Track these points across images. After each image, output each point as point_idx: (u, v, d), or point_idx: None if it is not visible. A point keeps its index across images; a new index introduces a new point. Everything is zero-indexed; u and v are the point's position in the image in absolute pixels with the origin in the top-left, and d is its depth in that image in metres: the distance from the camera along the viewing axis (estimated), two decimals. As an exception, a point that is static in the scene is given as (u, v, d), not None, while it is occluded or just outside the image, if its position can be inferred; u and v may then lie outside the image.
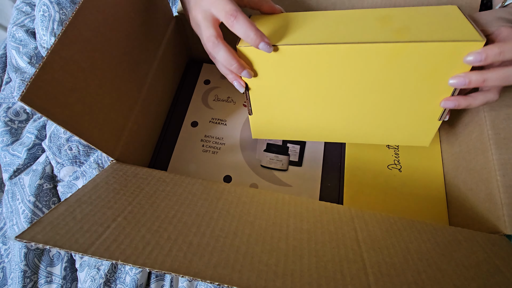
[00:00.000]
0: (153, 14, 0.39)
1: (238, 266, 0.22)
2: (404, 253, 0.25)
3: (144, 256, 0.22)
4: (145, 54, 0.38)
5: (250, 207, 0.28)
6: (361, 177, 0.42)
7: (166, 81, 0.45)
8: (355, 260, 0.24)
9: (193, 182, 0.31)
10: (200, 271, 0.21)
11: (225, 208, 0.28)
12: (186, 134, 0.45)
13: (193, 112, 0.47)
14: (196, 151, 0.43)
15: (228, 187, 0.31)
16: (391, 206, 0.40)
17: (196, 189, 0.30)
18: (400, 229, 0.28)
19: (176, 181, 0.31)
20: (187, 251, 0.22)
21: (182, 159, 0.43)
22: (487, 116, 0.36)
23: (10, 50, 0.54)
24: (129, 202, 0.27)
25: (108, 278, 0.39)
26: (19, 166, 0.46)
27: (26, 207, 0.42)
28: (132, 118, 0.36)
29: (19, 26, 0.55)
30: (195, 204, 0.28)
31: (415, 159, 0.43)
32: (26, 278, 0.39)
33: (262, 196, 0.30)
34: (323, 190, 0.41)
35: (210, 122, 0.46)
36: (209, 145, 0.44)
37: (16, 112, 0.51)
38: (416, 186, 0.41)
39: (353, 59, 0.29)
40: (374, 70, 0.30)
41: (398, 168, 0.42)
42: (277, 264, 0.22)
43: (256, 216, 0.27)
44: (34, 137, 0.48)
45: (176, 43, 0.46)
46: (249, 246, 0.24)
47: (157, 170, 0.33)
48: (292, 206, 0.29)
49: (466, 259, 0.25)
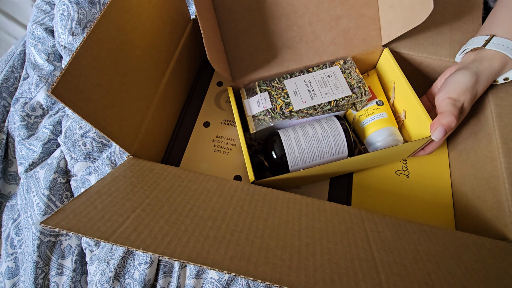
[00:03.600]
0: (173, 16, 0.40)
1: (254, 259, 0.22)
2: (414, 254, 0.26)
3: (163, 245, 0.22)
4: (163, 54, 0.40)
5: (263, 205, 0.29)
6: (369, 181, 0.42)
7: (180, 81, 0.46)
8: (366, 259, 0.24)
9: (207, 179, 0.32)
10: (217, 261, 0.22)
11: (239, 205, 0.29)
12: (198, 134, 0.46)
13: (206, 112, 0.48)
14: (207, 151, 0.44)
15: (241, 185, 0.32)
16: (398, 211, 0.40)
17: (210, 186, 0.31)
18: (410, 232, 0.29)
19: (191, 178, 0.32)
20: (204, 243, 0.23)
21: (194, 157, 0.44)
22: (496, 126, 0.36)
23: (29, 47, 0.56)
24: (146, 195, 0.28)
25: (118, 272, 0.40)
26: (35, 160, 0.47)
27: (41, 200, 0.43)
28: (149, 115, 0.38)
29: (39, 24, 0.57)
30: (210, 199, 0.29)
31: (423, 166, 0.44)
32: (38, 269, 0.40)
33: (274, 195, 0.31)
34: (331, 193, 0.42)
35: (222, 123, 0.47)
36: (221, 146, 0.45)
37: (32, 108, 0.52)
38: (424, 192, 0.42)
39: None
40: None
41: (406, 174, 0.43)
42: (291, 259, 0.23)
43: (269, 214, 0.28)
44: (49, 132, 0.49)
45: (192, 45, 0.48)
46: (263, 240, 0.25)
47: (172, 167, 0.34)
48: (304, 206, 0.30)
49: (475, 263, 0.26)
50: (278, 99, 0.40)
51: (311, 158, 0.37)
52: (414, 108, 0.39)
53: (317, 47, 0.43)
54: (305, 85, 0.40)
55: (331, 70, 0.42)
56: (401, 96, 0.42)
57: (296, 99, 0.39)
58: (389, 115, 0.42)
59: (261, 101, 0.40)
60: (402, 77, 0.40)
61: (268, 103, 0.40)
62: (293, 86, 0.40)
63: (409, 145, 0.38)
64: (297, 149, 0.37)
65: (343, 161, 0.36)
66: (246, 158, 0.36)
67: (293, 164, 0.37)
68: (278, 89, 0.41)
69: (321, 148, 0.37)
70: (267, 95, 0.40)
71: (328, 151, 0.38)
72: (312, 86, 0.40)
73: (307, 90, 0.40)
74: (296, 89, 0.40)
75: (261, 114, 0.40)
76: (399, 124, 0.42)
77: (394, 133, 0.40)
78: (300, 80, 0.41)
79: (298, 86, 0.41)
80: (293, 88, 0.40)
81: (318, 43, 0.43)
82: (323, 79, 0.41)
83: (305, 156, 0.37)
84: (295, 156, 0.37)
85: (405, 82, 0.40)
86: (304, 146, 0.37)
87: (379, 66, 0.46)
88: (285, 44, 0.42)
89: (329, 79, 0.41)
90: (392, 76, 0.43)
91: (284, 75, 0.42)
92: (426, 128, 0.37)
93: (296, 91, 0.40)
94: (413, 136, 0.41)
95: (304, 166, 0.38)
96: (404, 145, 0.37)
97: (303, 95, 0.40)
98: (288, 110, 0.39)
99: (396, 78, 0.42)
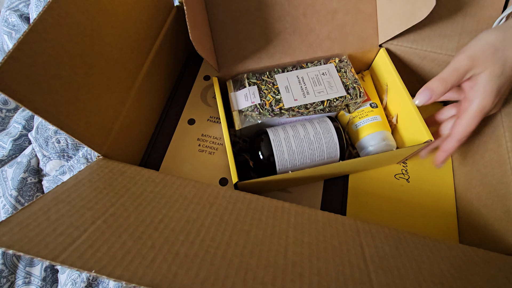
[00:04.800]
0: (152, 1, 0.36)
1: (230, 283, 0.19)
2: (416, 274, 0.23)
3: (122, 267, 0.19)
4: (141, 44, 0.36)
5: (246, 215, 0.26)
6: (366, 186, 0.39)
7: (162, 74, 0.42)
8: (362, 281, 0.21)
9: (185, 184, 0.29)
10: (185, 287, 0.18)
11: (218, 215, 0.25)
12: (182, 132, 0.42)
13: (191, 109, 0.44)
14: (191, 151, 0.41)
15: (223, 191, 0.28)
16: (397, 219, 0.37)
17: (188, 192, 0.27)
18: (411, 247, 0.25)
19: (166, 182, 0.28)
20: (172, 263, 0.20)
21: (176, 158, 0.40)
22: (506, 127, 0.33)
23: (2, 35, 0.52)
24: (112, 203, 0.24)
25: (90, 282, 0.36)
26: (3, 157, 0.43)
27: (7, 202, 0.39)
28: (124, 111, 0.34)
29: (13, 10, 0.52)
30: (186, 208, 0.25)
31: (424, 170, 0.40)
32: (2, 278, 0.37)
33: (259, 203, 0.28)
34: (325, 198, 0.38)
35: (208, 121, 0.43)
36: (206, 145, 0.41)
37: (4, 101, 0.48)
38: (424, 199, 0.39)
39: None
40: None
41: (406, 178, 0.40)
42: (273, 283, 0.20)
43: (252, 225, 0.25)
44: (21, 127, 0.45)
45: (176, 34, 0.44)
46: (243, 259, 0.21)
47: (146, 169, 0.30)
48: (293, 215, 0.27)
49: (485, 285, 0.23)
50: (268, 95, 0.36)
51: (301, 160, 0.34)
52: (408, 112, 0.36)
53: (311, 41, 0.39)
54: (297, 81, 0.37)
55: (325, 68, 0.38)
56: (396, 99, 0.38)
57: (287, 96, 0.36)
58: (383, 118, 0.38)
59: (249, 95, 0.36)
60: (398, 79, 0.37)
61: (257, 98, 0.36)
62: (285, 82, 0.37)
63: (403, 151, 0.35)
64: (286, 150, 0.34)
65: (334, 164, 0.33)
66: (229, 156, 0.32)
67: (281, 166, 0.34)
68: (269, 83, 0.37)
69: (312, 151, 0.34)
70: (256, 89, 0.37)
71: (319, 154, 0.34)
72: (305, 83, 0.37)
73: (299, 87, 0.36)
74: (288, 85, 0.37)
75: (249, 109, 0.36)
76: (391, 127, 0.39)
77: (388, 137, 0.37)
78: (292, 76, 0.38)
79: (290, 82, 0.37)
80: (285, 83, 0.37)
81: (312, 36, 0.39)
82: (317, 76, 0.37)
83: (295, 158, 0.34)
84: (284, 158, 0.34)
85: (400, 85, 0.36)
86: (295, 148, 0.34)
87: (374, 66, 0.42)
88: (277, 35, 0.39)
89: (324, 77, 0.37)
90: (388, 78, 0.39)
91: (276, 69, 0.39)
92: (421, 133, 0.34)
93: (287, 87, 0.36)
94: (406, 141, 0.38)
95: (292, 169, 0.34)
96: (397, 151, 0.34)
97: (295, 92, 0.36)
98: (278, 107, 0.35)
99: (392, 80, 0.38)
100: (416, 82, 0.41)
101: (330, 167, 0.33)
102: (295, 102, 0.35)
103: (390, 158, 0.37)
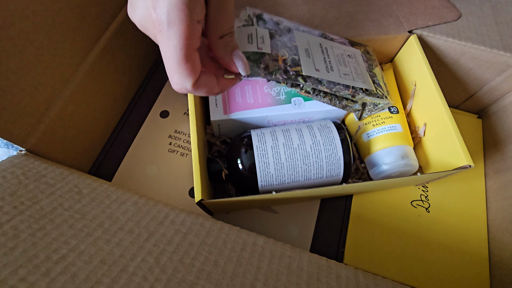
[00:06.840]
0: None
1: None
2: None
3: None
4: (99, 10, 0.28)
5: (197, 254, 0.18)
6: (374, 212, 0.31)
7: (133, 53, 0.34)
8: None
9: (124, 199, 0.21)
10: None
11: (155, 252, 0.17)
12: (152, 126, 0.34)
13: (166, 98, 0.36)
14: (160, 150, 0.33)
15: (174, 214, 0.20)
16: (411, 262, 0.29)
17: (122, 212, 0.20)
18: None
19: (97, 195, 0.21)
20: None
21: (140, 158, 0.32)
22: None
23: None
24: (1, 224, 0.17)
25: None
26: None
27: None
28: (67, 93, 0.26)
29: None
30: (109, 239, 0.17)
31: (449, 197, 0.32)
32: None
33: (222, 235, 0.20)
34: (320, 223, 0.30)
35: (185, 114, 0.35)
36: (179, 144, 0.33)
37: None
38: (448, 235, 0.30)
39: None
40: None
41: (425, 207, 0.31)
42: None
43: (201, 273, 0.17)
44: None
45: None
46: None
47: (77, 173, 0.22)
48: (266, 259, 0.19)
49: None
50: (282, 49, 0.26)
51: (291, 178, 0.26)
52: (441, 123, 0.27)
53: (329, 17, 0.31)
54: (320, 50, 0.28)
55: (352, 51, 0.29)
56: (425, 104, 0.30)
57: (307, 62, 0.26)
58: (405, 128, 0.30)
59: (256, 38, 0.26)
60: (430, 77, 0.28)
61: (267, 46, 0.26)
62: (305, 44, 0.27)
63: (426, 177, 0.26)
64: (273, 163, 0.25)
65: (334, 188, 0.24)
66: (194, 162, 0.24)
67: (264, 182, 0.26)
68: (284, 35, 0.27)
69: (307, 166, 0.26)
70: (267, 33, 0.27)
71: (317, 171, 0.26)
72: (329, 56, 0.28)
73: (322, 58, 0.27)
74: (308, 48, 0.27)
75: (252, 56, 0.25)
76: (414, 141, 0.31)
77: (408, 155, 0.28)
78: (314, 40, 0.28)
79: (311, 45, 0.28)
80: (305, 45, 0.27)
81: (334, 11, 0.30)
82: (343, 56, 0.28)
83: (283, 174, 0.25)
84: (269, 172, 0.25)
85: (433, 85, 0.28)
86: (284, 161, 0.25)
87: (398, 59, 0.34)
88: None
89: (349, 59, 0.28)
90: (417, 75, 0.30)
91: (293, 25, 0.29)
92: (456, 155, 0.25)
93: (308, 51, 0.27)
94: (433, 162, 0.29)
95: (278, 188, 0.26)
96: (419, 177, 0.26)
97: (317, 60, 0.27)
98: (294, 70, 0.25)
99: (422, 78, 0.29)
100: (449, 83, 0.32)
101: (328, 190, 0.25)
102: (316, 72, 0.26)
103: (409, 182, 0.29)
